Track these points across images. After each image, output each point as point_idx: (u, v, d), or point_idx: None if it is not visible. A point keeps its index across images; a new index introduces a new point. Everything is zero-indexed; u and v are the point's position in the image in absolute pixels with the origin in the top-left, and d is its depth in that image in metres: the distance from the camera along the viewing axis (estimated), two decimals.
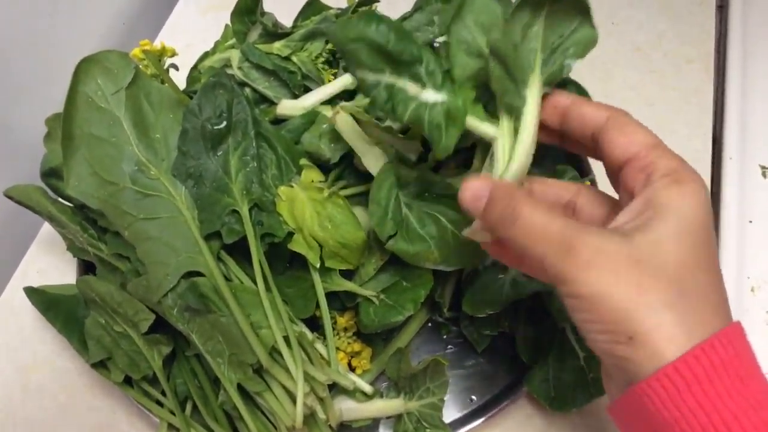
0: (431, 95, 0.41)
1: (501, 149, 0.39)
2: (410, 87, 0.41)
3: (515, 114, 0.39)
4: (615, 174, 0.39)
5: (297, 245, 0.49)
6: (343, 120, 0.50)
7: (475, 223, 0.39)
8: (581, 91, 0.46)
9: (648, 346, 0.32)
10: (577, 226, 0.35)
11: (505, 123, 0.40)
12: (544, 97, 0.40)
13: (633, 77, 0.72)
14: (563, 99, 0.40)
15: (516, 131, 0.39)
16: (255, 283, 0.48)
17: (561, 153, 0.53)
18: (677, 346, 0.31)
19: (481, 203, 0.37)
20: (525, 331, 0.53)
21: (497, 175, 0.39)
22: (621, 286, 0.33)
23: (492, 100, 0.40)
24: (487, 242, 0.41)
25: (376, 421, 0.52)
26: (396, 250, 0.48)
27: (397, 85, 0.41)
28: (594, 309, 0.34)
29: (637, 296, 0.32)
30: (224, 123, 0.51)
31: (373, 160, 0.50)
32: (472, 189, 0.37)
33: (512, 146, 0.39)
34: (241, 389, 0.47)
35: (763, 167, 0.64)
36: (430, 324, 0.57)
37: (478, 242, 0.42)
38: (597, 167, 0.63)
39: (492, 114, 0.41)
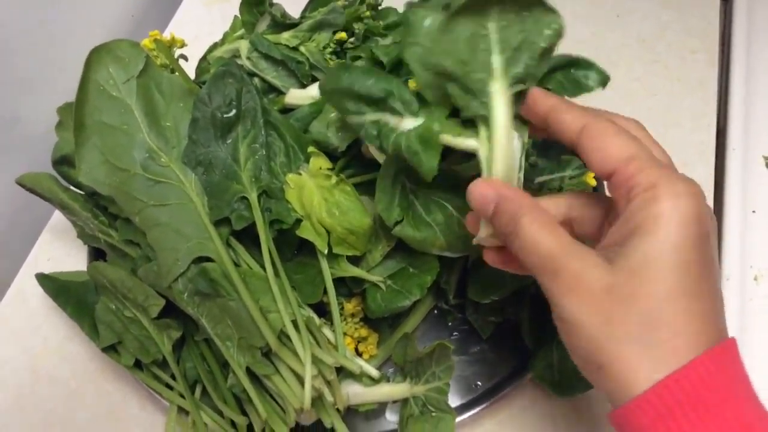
0: (409, 123, 0.42)
1: (484, 160, 0.40)
2: (390, 119, 0.43)
3: (483, 122, 0.39)
4: (605, 181, 0.37)
5: (305, 232, 0.50)
6: None
7: (482, 231, 0.40)
8: (600, 75, 0.44)
9: (615, 377, 0.32)
10: (565, 248, 0.35)
11: (482, 133, 0.40)
12: (527, 93, 0.39)
13: (637, 68, 0.72)
14: (543, 103, 0.38)
15: (489, 140, 0.39)
16: (264, 268, 0.49)
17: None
18: (644, 378, 0.31)
19: (489, 208, 0.37)
20: (529, 317, 0.54)
21: None
22: (594, 317, 0.33)
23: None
24: (489, 254, 0.41)
25: (382, 405, 0.52)
26: (403, 236, 0.48)
27: (381, 120, 0.43)
28: (572, 335, 0.34)
29: (607, 328, 0.33)
30: (233, 111, 0.51)
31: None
32: (480, 193, 0.37)
33: (489, 153, 0.39)
34: (249, 373, 0.47)
35: (766, 158, 0.65)
36: (435, 311, 0.57)
37: None
38: None
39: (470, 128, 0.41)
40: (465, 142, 0.40)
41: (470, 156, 0.41)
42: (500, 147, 0.38)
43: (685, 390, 0.31)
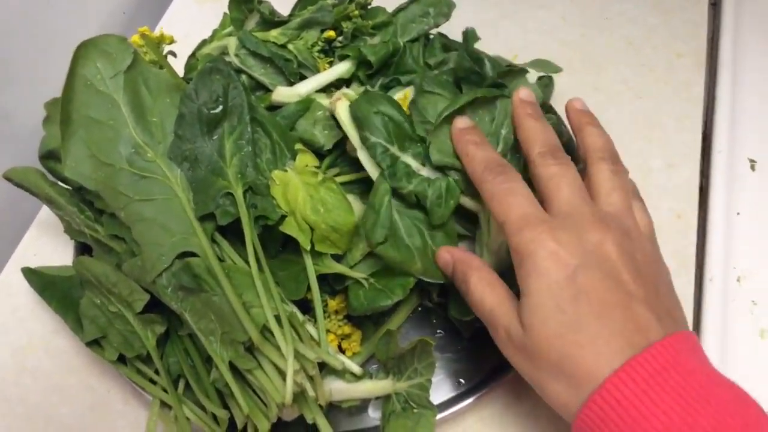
0: (430, 173, 0.50)
1: (484, 222, 0.50)
2: (412, 162, 0.50)
3: None
4: None
5: (289, 228, 0.50)
6: (343, 107, 0.51)
7: None
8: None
9: (559, 410, 0.40)
10: (502, 305, 0.43)
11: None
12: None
13: (624, 71, 0.73)
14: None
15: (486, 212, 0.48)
16: (248, 264, 0.49)
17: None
18: (575, 407, 0.38)
19: (449, 269, 0.48)
20: None
21: (484, 241, 0.49)
22: (524, 365, 0.42)
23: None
24: None
25: (365, 402, 0.52)
26: (384, 256, 0.50)
27: (401, 158, 0.50)
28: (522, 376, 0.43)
29: (537, 373, 0.41)
30: (220, 108, 0.52)
31: (366, 152, 0.51)
32: (442, 257, 0.49)
33: (488, 222, 0.49)
34: (232, 367, 0.48)
35: (751, 160, 0.65)
36: (419, 309, 0.57)
37: None
38: None
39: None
40: (472, 204, 0.50)
41: None
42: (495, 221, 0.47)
43: (604, 410, 0.36)
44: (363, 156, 0.51)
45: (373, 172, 0.50)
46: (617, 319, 0.38)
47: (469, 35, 0.55)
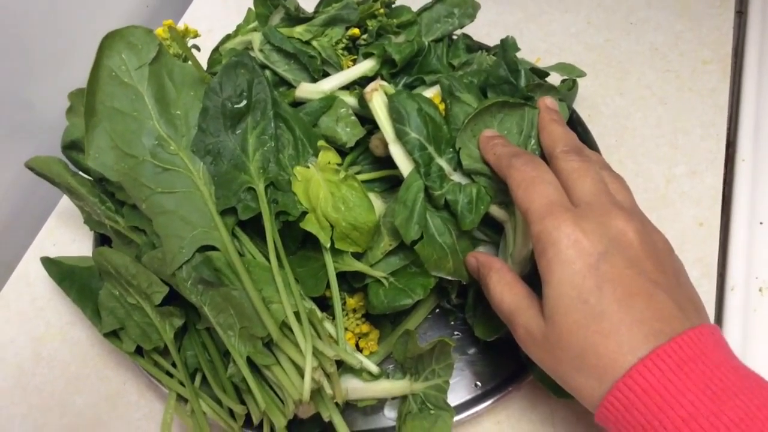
0: (461, 179, 0.51)
1: (510, 232, 0.50)
2: (445, 166, 0.50)
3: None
4: None
5: (309, 225, 0.50)
6: (379, 99, 0.51)
7: None
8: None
9: (582, 399, 0.40)
10: (520, 303, 0.43)
11: (512, 210, 0.50)
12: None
13: (649, 76, 0.72)
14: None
15: (515, 217, 0.49)
16: (268, 259, 0.49)
17: None
18: (599, 395, 0.38)
19: (475, 273, 0.49)
20: None
21: (509, 252, 0.50)
22: (547, 359, 0.41)
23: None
24: None
25: (381, 402, 0.52)
26: (422, 254, 0.49)
27: (436, 160, 0.50)
28: (543, 370, 0.43)
29: (560, 366, 0.41)
30: (244, 102, 0.52)
31: (401, 149, 0.50)
32: (469, 261, 0.50)
33: (515, 231, 0.49)
34: (250, 363, 0.47)
35: None
36: (437, 310, 0.57)
37: None
38: (602, 140, 0.64)
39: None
40: (500, 213, 0.51)
41: None
42: (521, 231, 0.49)
43: (629, 398, 0.36)
44: (396, 150, 0.50)
45: (404, 168, 0.50)
46: (640, 307, 0.38)
47: (510, 44, 0.55)
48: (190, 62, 0.56)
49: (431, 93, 0.55)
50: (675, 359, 0.36)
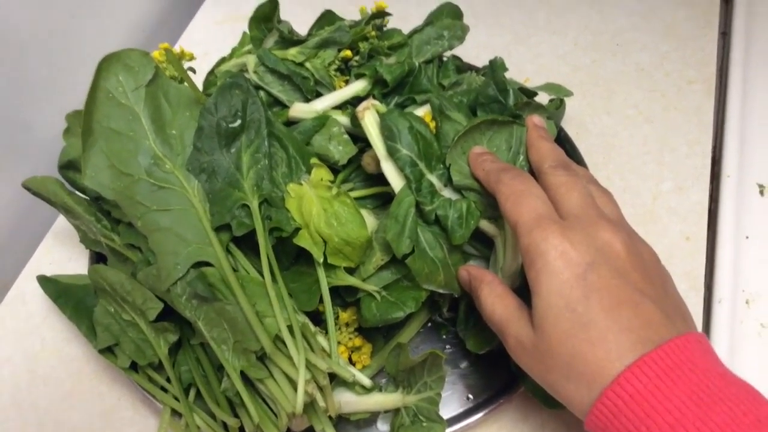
0: (450, 194, 0.52)
1: (501, 246, 0.51)
2: (436, 182, 0.51)
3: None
4: None
5: (302, 240, 0.51)
6: (371, 117, 0.52)
7: None
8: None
9: (572, 408, 0.41)
10: (511, 315, 0.44)
11: (501, 225, 0.51)
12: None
13: (635, 95, 0.74)
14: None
15: (505, 233, 0.51)
16: (261, 274, 0.49)
17: None
18: (586, 404, 0.39)
19: (467, 286, 0.50)
20: None
21: (499, 265, 0.50)
22: (536, 367, 0.42)
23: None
24: None
25: (374, 415, 0.53)
26: (413, 268, 0.50)
27: (426, 176, 0.51)
28: (532, 380, 0.44)
29: (549, 375, 0.41)
30: (238, 122, 0.53)
31: (392, 164, 0.51)
32: (461, 274, 0.51)
33: (505, 246, 0.50)
34: (243, 377, 0.48)
35: (760, 185, 0.66)
36: (429, 324, 0.58)
37: None
38: (589, 157, 0.65)
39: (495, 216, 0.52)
40: (490, 228, 0.52)
41: None
42: (511, 245, 0.50)
43: (617, 405, 0.37)
44: (387, 167, 0.51)
45: (396, 184, 0.51)
46: (628, 315, 0.39)
47: (498, 65, 0.56)
48: (185, 84, 0.57)
49: (422, 112, 0.56)
50: (662, 366, 0.37)
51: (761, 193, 0.65)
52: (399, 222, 0.50)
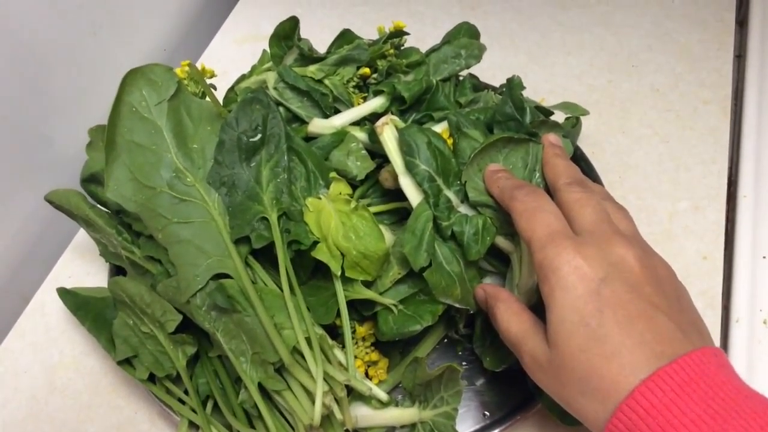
0: (466, 210, 0.52)
1: (516, 263, 0.51)
2: (453, 198, 0.52)
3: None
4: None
5: (320, 254, 0.51)
6: (389, 132, 0.52)
7: None
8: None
9: (587, 423, 0.40)
10: (527, 331, 0.44)
11: (518, 242, 0.51)
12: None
13: (650, 115, 0.74)
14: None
15: (521, 251, 0.51)
16: (279, 287, 0.50)
17: None
18: (603, 419, 0.38)
19: (483, 304, 0.51)
20: None
21: (515, 282, 0.51)
22: (552, 383, 0.42)
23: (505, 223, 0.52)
24: None
25: (389, 430, 0.52)
26: (430, 281, 0.50)
27: (444, 191, 0.51)
28: (549, 396, 0.43)
29: (565, 390, 0.41)
30: (259, 136, 0.54)
31: (411, 180, 0.52)
32: (478, 295, 0.51)
33: (520, 262, 0.51)
34: (261, 389, 0.48)
35: None
36: (445, 340, 0.58)
37: None
38: (605, 176, 0.65)
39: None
40: (506, 244, 0.52)
41: None
42: (526, 261, 0.50)
43: (632, 419, 0.37)
44: (405, 182, 0.52)
45: (414, 199, 0.51)
46: (641, 330, 0.39)
47: (515, 83, 0.57)
48: (207, 98, 0.58)
49: (439, 129, 0.57)
50: (677, 380, 0.36)
51: None
52: (416, 236, 0.50)
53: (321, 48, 0.67)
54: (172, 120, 0.54)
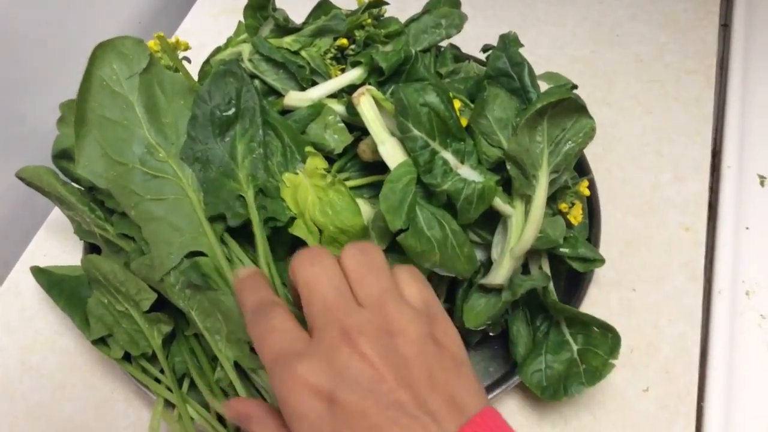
0: (468, 173, 0.50)
1: (515, 226, 0.51)
2: (451, 159, 0.50)
3: (526, 199, 0.51)
4: None
5: (298, 230, 0.50)
6: (367, 103, 0.51)
7: None
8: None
9: None
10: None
11: (518, 205, 0.51)
12: None
13: (634, 86, 0.73)
14: None
15: (526, 213, 0.50)
16: (256, 264, 0.49)
17: None
18: None
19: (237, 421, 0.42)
20: (519, 326, 0.54)
21: (510, 246, 0.50)
22: None
23: (507, 183, 0.51)
24: None
25: None
26: (405, 245, 0.49)
27: (440, 153, 0.49)
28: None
29: None
30: (233, 110, 0.52)
31: (390, 149, 0.50)
32: (228, 412, 0.42)
33: (523, 224, 0.50)
34: (237, 367, 0.47)
35: (761, 176, 0.65)
36: None
37: (473, 251, 0.51)
38: (588, 148, 0.64)
39: (507, 194, 0.51)
40: (504, 207, 0.51)
41: None
42: (534, 220, 0.50)
43: None
44: (385, 150, 0.50)
45: (393, 165, 0.49)
46: None
47: (511, 39, 0.55)
48: (180, 73, 0.57)
49: None
50: None
51: (761, 184, 0.65)
52: (396, 197, 0.48)
53: (298, 19, 0.65)
54: (144, 94, 0.52)
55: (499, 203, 0.51)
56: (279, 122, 0.54)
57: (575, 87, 0.57)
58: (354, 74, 0.58)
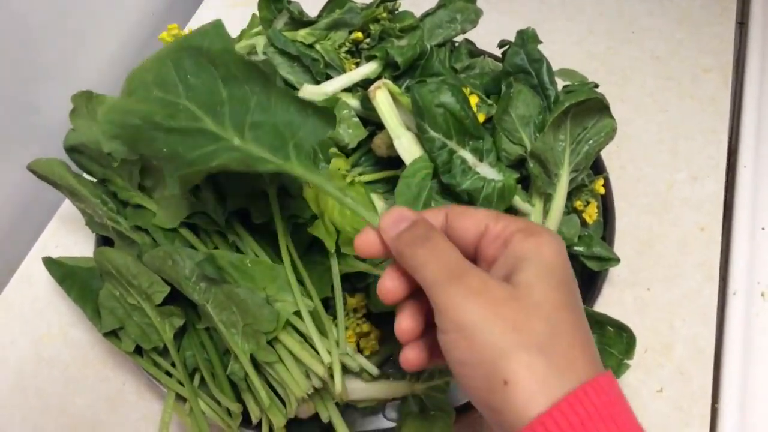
0: (487, 170, 0.50)
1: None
2: (469, 158, 0.49)
3: (546, 197, 0.51)
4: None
5: (316, 230, 0.50)
6: (383, 97, 0.51)
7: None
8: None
9: (521, 391, 0.31)
10: (471, 264, 0.35)
11: (537, 203, 0.51)
12: None
13: (650, 84, 0.73)
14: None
15: (546, 211, 0.51)
16: (272, 259, 0.49)
17: None
18: (550, 389, 0.31)
19: (401, 225, 0.37)
20: None
21: None
22: (498, 322, 0.32)
23: (524, 180, 0.52)
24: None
25: (381, 403, 0.52)
26: None
27: (458, 152, 0.49)
28: (470, 343, 0.33)
29: (512, 334, 0.32)
30: None
31: (406, 144, 0.50)
32: (400, 212, 0.38)
33: (542, 223, 0.50)
34: (252, 361, 0.47)
35: None
36: None
37: None
38: (610, 165, 0.64)
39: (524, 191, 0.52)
40: (524, 206, 0.51)
41: None
42: (554, 218, 0.50)
43: (594, 403, 0.31)
44: (400, 144, 0.50)
45: (409, 160, 0.50)
46: (585, 323, 0.36)
47: (529, 35, 0.55)
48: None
49: None
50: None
51: None
52: (412, 191, 0.48)
53: (312, 12, 0.65)
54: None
55: (519, 201, 0.50)
56: None
57: (596, 86, 0.57)
58: (369, 68, 0.58)
